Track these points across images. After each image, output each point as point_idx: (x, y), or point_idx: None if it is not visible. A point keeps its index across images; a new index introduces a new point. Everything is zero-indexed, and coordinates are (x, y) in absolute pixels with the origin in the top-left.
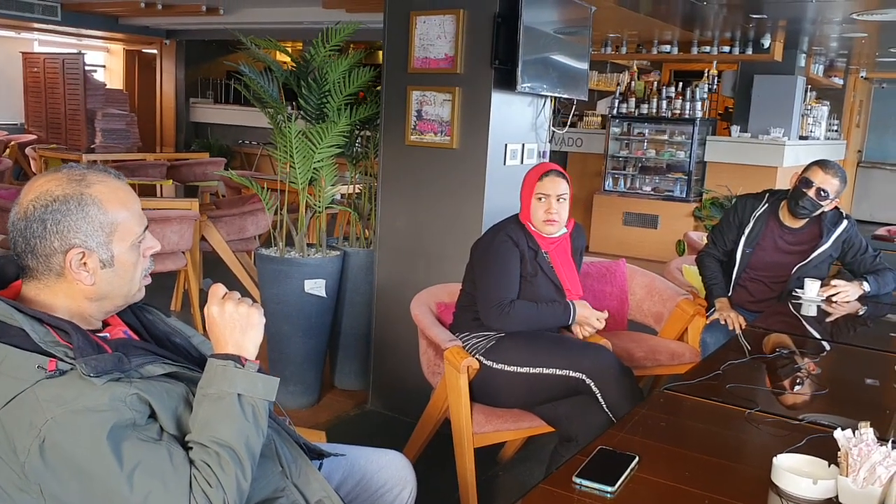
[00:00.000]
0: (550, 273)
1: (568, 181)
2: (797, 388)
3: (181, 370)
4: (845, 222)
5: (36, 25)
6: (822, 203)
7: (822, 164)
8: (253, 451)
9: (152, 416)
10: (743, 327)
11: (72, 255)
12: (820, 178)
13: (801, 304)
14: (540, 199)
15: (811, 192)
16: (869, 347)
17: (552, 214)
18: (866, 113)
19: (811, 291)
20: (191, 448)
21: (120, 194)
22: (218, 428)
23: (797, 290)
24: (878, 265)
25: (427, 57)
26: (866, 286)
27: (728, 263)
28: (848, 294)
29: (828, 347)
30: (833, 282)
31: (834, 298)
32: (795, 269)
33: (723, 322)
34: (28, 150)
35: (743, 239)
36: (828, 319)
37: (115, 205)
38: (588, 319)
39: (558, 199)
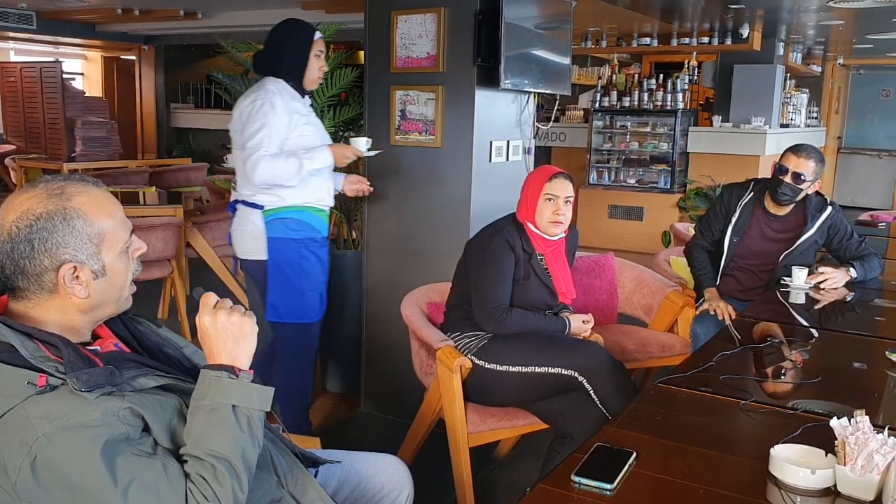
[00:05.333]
0: (544, 276)
1: (573, 185)
2: (789, 376)
3: (174, 382)
4: (830, 209)
5: (11, 34)
6: (801, 187)
7: (794, 148)
8: (249, 462)
9: (146, 429)
10: (733, 317)
11: (64, 270)
12: (794, 163)
13: (789, 292)
14: (549, 199)
15: (788, 178)
16: (857, 333)
17: (560, 216)
18: (845, 99)
19: (799, 279)
20: (186, 461)
21: (102, 203)
22: (213, 440)
23: (785, 278)
24: (864, 250)
25: (409, 56)
26: (853, 272)
27: (716, 253)
28: (835, 280)
29: (817, 334)
30: (820, 269)
31: (822, 285)
32: (782, 256)
33: (712, 312)
34: (7, 161)
35: (730, 228)
36: (816, 307)
37: (99, 215)
38: (580, 331)
39: (565, 202)
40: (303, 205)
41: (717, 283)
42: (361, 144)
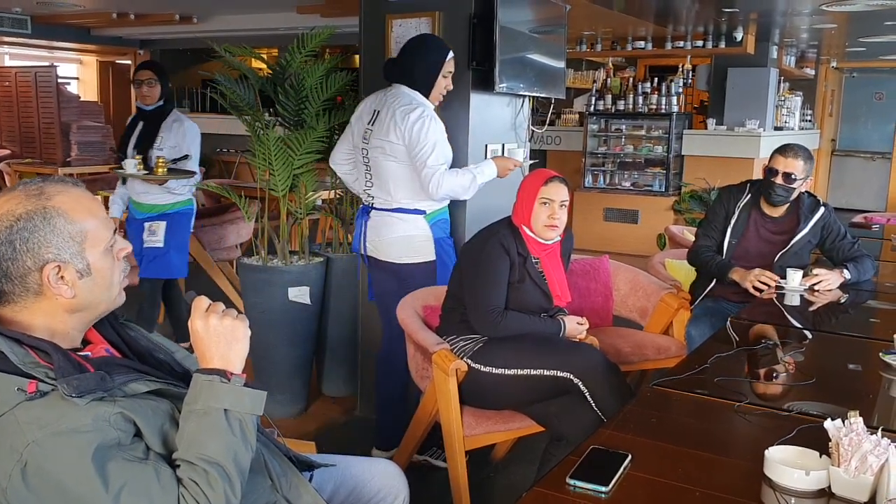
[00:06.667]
0: (539, 279)
1: (569, 188)
2: (784, 378)
3: (166, 387)
4: (822, 209)
5: (6, 39)
6: (793, 186)
7: (780, 150)
8: (242, 466)
9: (137, 434)
10: (775, 279)
11: (48, 270)
12: (782, 164)
13: (784, 294)
14: (544, 203)
15: (779, 180)
16: (851, 335)
17: (555, 220)
18: (838, 102)
19: (794, 281)
20: (178, 466)
21: (83, 202)
22: (205, 444)
23: (780, 280)
24: (857, 252)
25: None
26: (847, 274)
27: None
28: (829, 282)
29: (812, 336)
30: (815, 270)
31: (816, 287)
32: (777, 257)
33: (751, 290)
34: (2, 166)
35: (729, 230)
36: (811, 308)
37: (80, 213)
38: (575, 333)
39: (560, 206)
40: (446, 206)
41: (714, 284)
42: (520, 155)
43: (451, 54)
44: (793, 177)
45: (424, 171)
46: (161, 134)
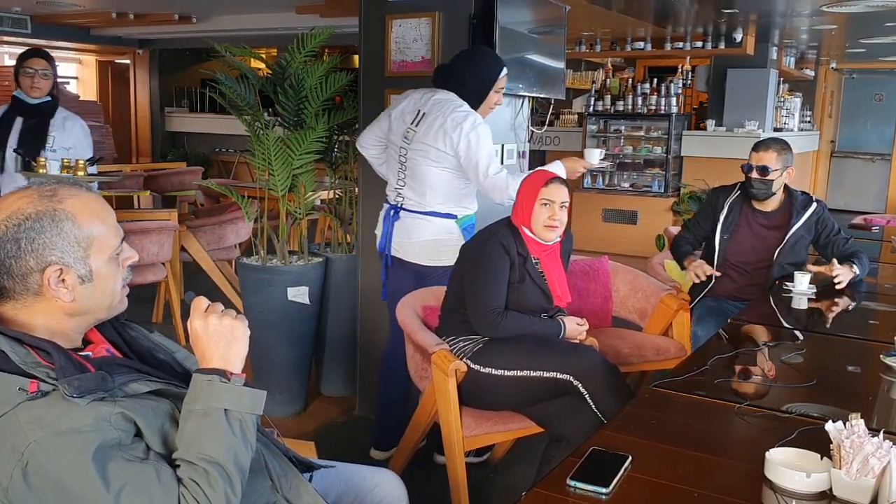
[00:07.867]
0: (539, 279)
1: (569, 189)
2: (784, 379)
3: (166, 387)
4: (815, 204)
5: (6, 38)
6: (768, 178)
7: (755, 145)
8: (242, 466)
9: (138, 434)
10: (708, 273)
11: (49, 272)
12: (755, 158)
13: (791, 297)
14: (545, 204)
15: (754, 174)
16: (851, 336)
17: (555, 221)
18: (838, 103)
19: (801, 285)
20: (178, 466)
21: (94, 207)
22: (205, 444)
23: (787, 283)
24: (851, 248)
25: (404, 60)
26: (856, 269)
27: (708, 252)
28: (844, 277)
29: (811, 338)
30: (833, 262)
31: (836, 280)
32: (776, 254)
33: (688, 278)
34: None
35: (719, 226)
36: (811, 309)
37: (89, 218)
38: (575, 334)
39: (561, 207)
40: (475, 212)
41: (712, 284)
42: (595, 156)
43: (505, 70)
44: (768, 169)
45: (488, 181)
46: (52, 133)
